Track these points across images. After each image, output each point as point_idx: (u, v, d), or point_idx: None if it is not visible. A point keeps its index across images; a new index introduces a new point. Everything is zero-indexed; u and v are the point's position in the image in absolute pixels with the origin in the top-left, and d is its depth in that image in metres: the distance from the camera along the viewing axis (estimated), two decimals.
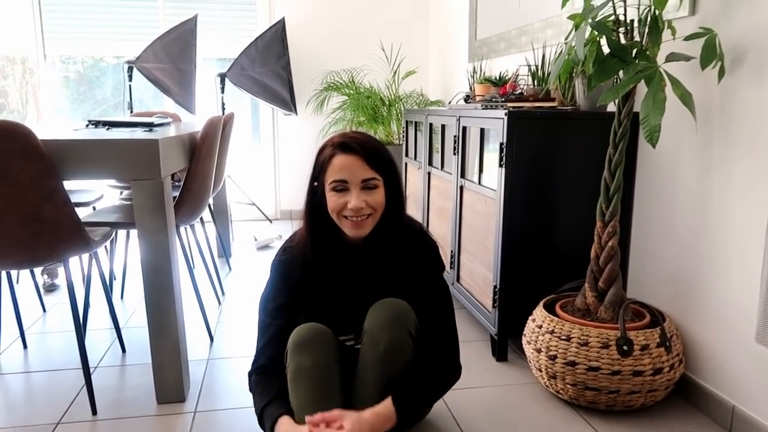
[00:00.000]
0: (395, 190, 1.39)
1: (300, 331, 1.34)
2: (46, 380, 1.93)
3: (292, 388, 1.30)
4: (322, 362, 1.29)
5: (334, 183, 1.32)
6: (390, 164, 1.37)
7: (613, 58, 1.61)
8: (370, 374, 1.32)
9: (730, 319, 1.63)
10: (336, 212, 1.34)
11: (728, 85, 1.60)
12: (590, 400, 1.70)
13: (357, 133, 1.37)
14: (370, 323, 1.35)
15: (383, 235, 1.40)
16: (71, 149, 1.56)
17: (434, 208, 2.81)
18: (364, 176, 1.31)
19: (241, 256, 3.58)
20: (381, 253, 1.41)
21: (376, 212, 1.35)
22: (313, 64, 4.45)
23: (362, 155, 1.31)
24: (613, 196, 1.74)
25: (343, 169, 1.31)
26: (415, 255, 1.45)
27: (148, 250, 1.67)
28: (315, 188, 1.38)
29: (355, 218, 1.33)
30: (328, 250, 1.41)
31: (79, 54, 4.33)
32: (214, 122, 2.22)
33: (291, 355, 1.32)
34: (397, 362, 1.32)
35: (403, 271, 1.43)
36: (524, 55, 2.84)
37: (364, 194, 1.32)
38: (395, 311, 1.34)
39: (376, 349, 1.31)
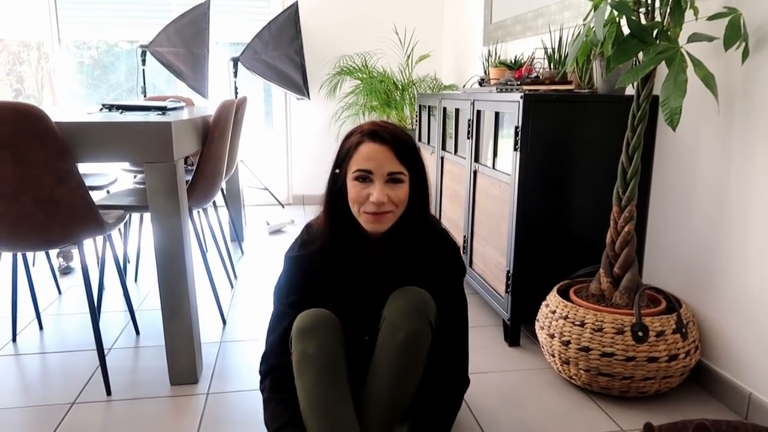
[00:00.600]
0: (421, 187, 1.32)
1: (304, 317, 1.30)
2: (62, 361, 1.96)
3: (297, 374, 1.26)
4: (327, 348, 1.25)
5: (359, 172, 1.26)
6: (418, 160, 1.31)
7: (633, 38, 1.57)
8: (386, 364, 1.27)
9: (748, 307, 1.60)
10: (357, 204, 1.28)
11: (752, 67, 1.56)
12: (603, 386, 1.68)
13: (387, 123, 1.31)
14: (390, 311, 1.30)
15: (403, 232, 1.34)
16: (85, 132, 1.56)
17: (447, 193, 2.79)
18: (391, 169, 1.25)
19: (253, 240, 3.59)
20: (399, 250, 1.36)
21: (397, 209, 1.29)
22: (326, 48, 4.42)
23: (392, 146, 1.25)
24: (631, 180, 1.71)
25: (370, 158, 1.25)
26: (435, 257, 1.39)
27: (161, 233, 1.68)
28: (336, 175, 1.33)
29: (376, 213, 1.27)
30: (345, 241, 1.36)
31: (93, 39, 4.34)
32: (226, 106, 2.21)
33: (295, 341, 1.28)
34: (415, 353, 1.27)
35: (422, 272, 1.37)
36: (540, 38, 2.79)
37: (388, 188, 1.26)
38: (417, 300, 1.30)
39: (395, 338, 1.26)
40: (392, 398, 1.26)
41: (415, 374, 1.28)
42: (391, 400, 1.26)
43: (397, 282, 1.35)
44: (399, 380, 1.26)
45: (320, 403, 1.21)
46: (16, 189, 1.52)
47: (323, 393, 1.22)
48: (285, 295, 1.39)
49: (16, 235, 1.59)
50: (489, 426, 1.58)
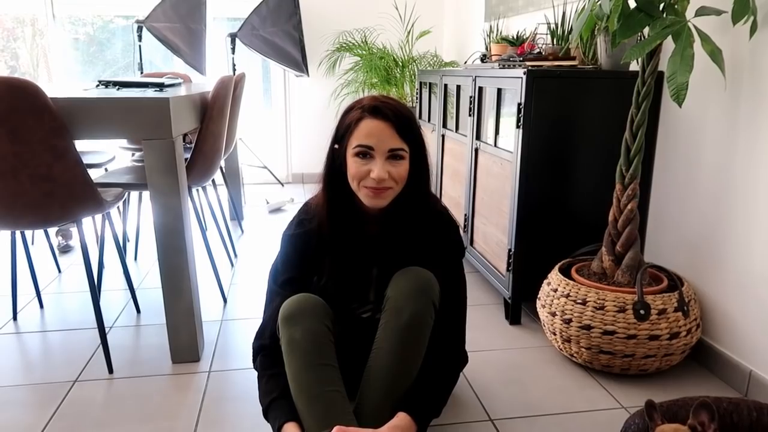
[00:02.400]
0: (421, 164, 1.31)
1: (288, 303, 1.29)
2: (63, 339, 1.96)
3: (287, 360, 1.25)
4: (314, 333, 1.25)
5: (359, 148, 1.24)
6: (419, 137, 1.29)
7: (640, 12, 1.54)
8: (388, 343, 1.26)
9: (750, 285, 1.60)
10: (357, 179, 1.27)
11: (760, 42, 1.53)
12: (604, 363, 1.69)
13: (389, 98, 1.28)
14: (394, 291, 1.29)
15: (402, 209, 1.33)
16: (81, 108, 1.54)
17: (448, 172, 2.77)
18: (391, 145, 1.24)
19: (253, 219, 3.58)
20: (398, 227, 1.35)
21: (397, 185, 1.28)
22: (325, 23, 4.35)
23: (393, 123, 1.23)
24: (634, 158, 1.69)
25: (371, 134, 1.23)
26: (434, 235, 1.38)
27: (161, 211, 1.66)
28: (336, 151, 1.31)
29: (376, 188, 1.26)
30: (343, 217, 1.35)
31: (88, 14, 4.27)
32: (225, 82, 2.18)
33: (282, 327, 1.28)
34: (418, 334, 1.27)
35: (421, 250, 1.36)
36: (543, 13, 2.75)
37: (389, 164, 1.25)
38: (421, 281, 1.29)
39: (398, 318, 1.26)
40: (393, 378, 1.25)
41: (418, 355, 1.28)
42: (393, 381, 1.25)
43: (396, 259, 1.35)
44: (401, 361, 1.26)
45: (309, 387, 1.20)
46: (12, 166, 1.50)
47: (311, 377, 1.21)
48: (282, 272, 1.39)
49: (14, 213, 1.57)
50: (490, 404, 1.59)
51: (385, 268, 1.35)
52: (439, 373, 1.34)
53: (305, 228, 1.38)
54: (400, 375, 1.26)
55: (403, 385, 1.27)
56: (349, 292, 1.38)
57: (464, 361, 1.43)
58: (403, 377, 1.27)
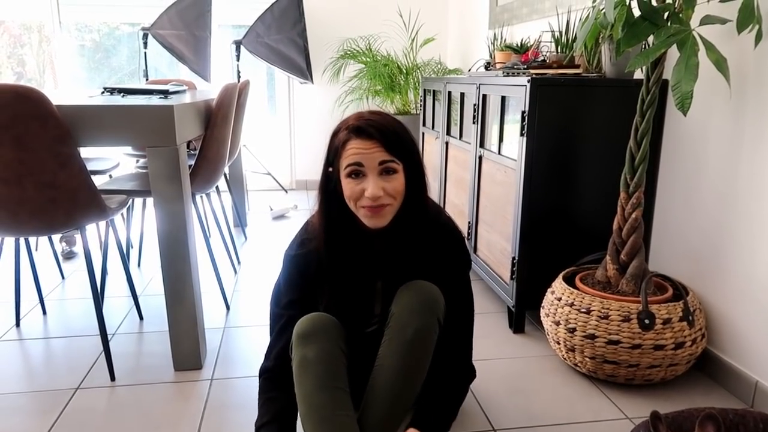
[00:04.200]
0: (416, 174, 1.28)
1: (303, 322, 1.28)
2: (66, 346, 1.96)
3: (297, 380, 1.24)
4: (327, 353, 1.24)
5: (350, 167, 1.21)
6: (410, 147, 1.26)
7: (644, 21, 1.54)
8: (392, 359, 1.25)
9: (756, 295, 1.58)
10: (353, 200, 1.25)
11: (765, 51, 1.53)
12: (609, 373, 1.68)
13: (374, 113, 1.25)
14: (398, 307, 1.28)
15: (403, 222, 1.30)
16: (86, 115, 1.54)
17: (452, 179, 2.77)
18: (381, 158, 1.21)
19: (256, 225, 3.58)
20: (401, 242, 1.32)
21: (395, 201, 1.25)
22: (330, 31, 4.37)
23: (379, 139, 1.20)
24: (639, 166, 1.68)
25: (359, 153, 1.20)
26: (439, 249, 1.36)
27: (164, 218, 1.66)
28: (330, 174, 1.29)
29: (373, 207, 1.23)
30: (343, 239, 1.32)
31: (94, 21, 4.29)
32: (229, 89, 2.19)
33: (295, 347, 1.26)
34: (422, 350, 1.26)
35: (426, 262, 1.34)
36: (547, 21, 2.75)
37: (382, 180, 1.22)
38: (425, 297, 1.28)
39: (403, 334, 1.25)
40: (397, 394, 1.24)
41: (422, 371, 1.27)
42: (396, 396, 1.24)
43: (400, 272, 1.33)
44: (405, 377, 1.25)
45: (321, 408, 1.19)
46: (17, 173, 1.50)
47: (323, 398, 1.20)
48: (285, 293, 1.38)
49: (19, 219, 1.57)
50: (493, 413, 1.57)
51: (389, 281, 1.34)
52: (448, 389, 1.33)
53: (307, 248, 1.36)
54: (404, 391, 1.25)
55: (407, 401, 1.26)
56: (354, 308, 1.36)
57: (472, 376, 1.42)
58: (407, 393, 1.25)
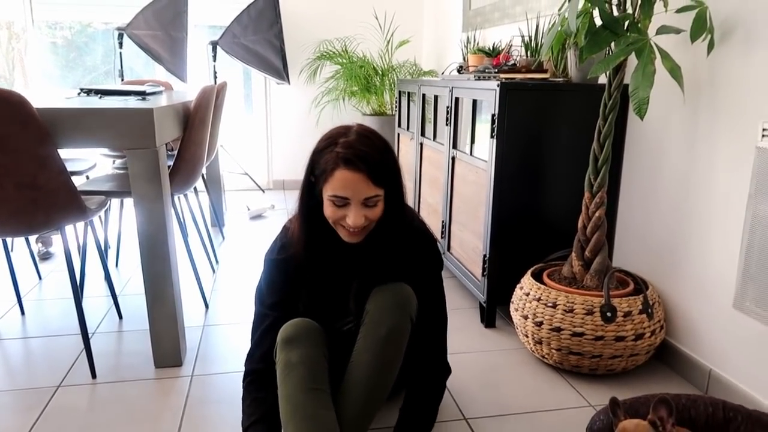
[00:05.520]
0: (396, 194, 1.33)
1: (288, 327, 1.35)
2: (45, 345, 1.98)
3: (281, 381, 1.30)
4: (310, 357, 1.30)
5: (335, 198, 1.26)
6: (394, 172, 1.31)
7: (605, 30, 1.62)
8: (367, 355, 1.31)
9: (710, 287, 1.69)
10: (332, 220, 1.30)
11: (717, 59, 1.63)
12: (574, 364, 1.76)
13: (363, 140, 1.26)
14: (373, 306, 1.35)
15: (381, 228, 1.36)
16: (66, 118, 1.57)
17: (426, 179, 2.84)
18: (366, 194, 1.25)
19: (234, 225, 3.61)
20: (378, 245, 1.38)
21: (373, 222, 1.32)
22: (306, 32, 4.40)
23: (366, 172, 1.23)
24: (602, 167, 1.77)
25: (346, 187, 1.23)
26: (413, 251, 1.42)
27: (144, 219, 1.70)
28: (312, 185, 1.32)
29: (351, 229, 1.29)
30: (322, 244, 1.38)
31: (67, 19, 4.26)
32: (207, 91, 2.22)
33: (279, 350, 1.33)
34: (396, 347, 1.33)
35: (400, 264, 1.41)
36: (518, 26, 2.84)
37: (364, 210, 1.27)
38: (399, 296, 1.35)
39: (377, 332, 1.31)
40: (371, 389, 1.31)
41: (395, 367, 1.34)
42: (371, 391, 1.31)
43: (375, 273, 1.40)
44: (379, 372, 1.32)
45: (304, 408, 1.24)
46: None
47: (305, 399, 1.25)
48: (266, 296, 1.43)
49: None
50: (466, 404, 1.65)
51: (365, 281, 1.40)
52: (428, 389, 1.41)
53: (287, 253, 1.41)
54: (378, 386, 1.32)
55: (381, 395, 1.33)
56: (331, 307, 1.43)
57: (448, 373, 1.50)
58: (381, 388, 1.32)
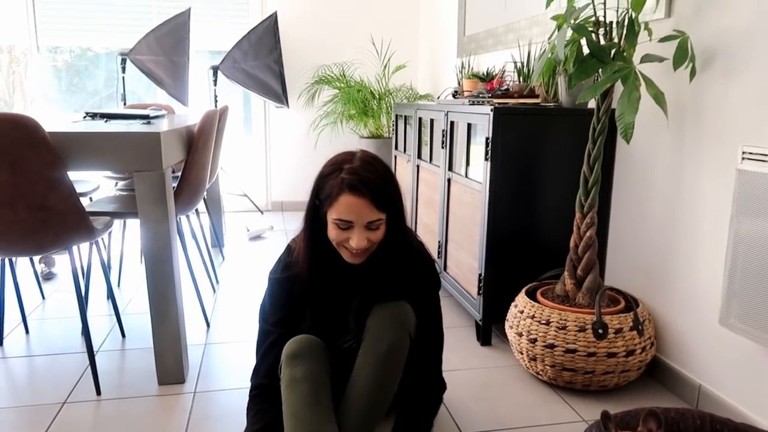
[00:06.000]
0: (398, 218, 1.40)
1: (292, 344, 1.40)
2: (50, 363, 2.01)
3: (285, 396, 1.36)
4: (313, 373, 1.36)
5: (339, 221, 1.33)
6: (396, 197, 1.38)
7: (592, 58, 1.71)
8: (368, 369, 1.37)
9: (697, 305, 1.74)
10: (336, 242, 1.37)
11: (699, 85, 1.71)
12: (567, 380, 1.81)
13: (367, 167, 1.33)
14: (373, 323, 1.41)
15: (382, 251, 1.42)
16: (77, 141, 1.63)
17: (423, 200, 2.91)
18: (370, 218, 1.32)
19: (233, 246, 3.66)
20: (378, 267, 1.44)
21: (375, 245, 1.38)
22: (305, 57, 4.51)
23: (370, 198, 1.31)
24: (592, 188, 1.84)
25: (350, 211, 1.31)
26: (412, 270, 1.49)
27: (150, 238, 1.75)
28: (317, 207, 1.39)
29: (354, 251, 1.36)
30: (325, 264, 1.44)
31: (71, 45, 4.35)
32: (210, 115, 2.29)
33: (284, 366, 1.39)
34: (395, 362, 1.39)
35: (399, 283, 1.47)
36: (510, 52, 2.93)
37: (367, 233, 1.34)
38: (398, 314, 1.41)
39: (378, 347, 1.37)
40: (372, 404, 1.37)
41: (394, 382, 1.40)
42: (371, 406, 1.37)
43: (375, 291, 1.46)
44: (379, 387, 1.37)
45: (307, 423, 1.30)
46: (10, 196, 1.58)
47: (309, 414, 1.31)
48: (272, 313, 1.49)
49: (9, 240, 1.65)
50: (462, 420, 1.69)
51: (365, 299, 1.46)
52: (424, 403, 1.47)
53: (291, 272, 1.47)
54: (378, 400, 1.37)
55: (381, 410, 1.38)
56: (332, 325, 1.48)
57: (443, 388, 1.56)
58: (381, 402, 1.38)
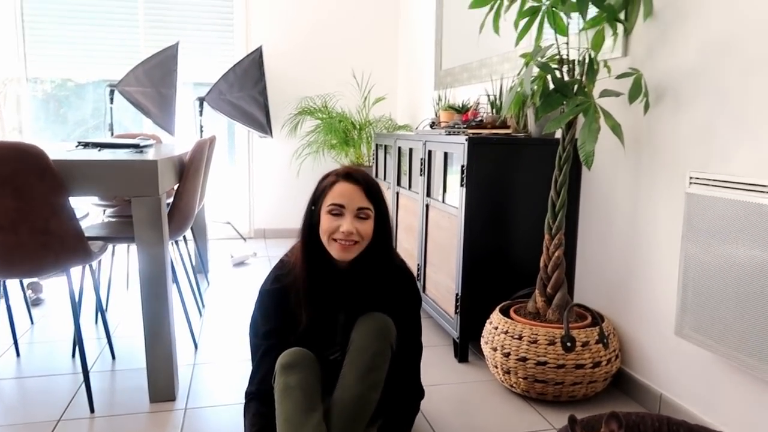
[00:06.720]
0: (384, 225, 1.54)
1: (286, 355, 1.50)
2: (42, 384, 2.07)
3: (279, 402, 1.45)
4: (306, 381, 1.46)
5: (332, 206, 1.46)
6: (383, 202, 1.54)
7: (557, 92, 1.87)
8: (352, 380, 1.47)
9: (655, 318, 1.89)
10: (328, 234, 1.49)
11: (653, 117, 1.89)
12: (539, 391, 1.93)
13: (356, 168, 1.53)
14: (358, 334, 1.52)
15: (367, 263, 1.55)
16: (80, 168, 1.74)
17: (403, 226, 3.04)
18: (360, 205, 1.46)
19: (218, 272, 3.74)
20: (363, 278, 1.56)
21: (363, 240, 1.50)
22: (289, 89, 4.67)
23: (362, 186, 1.47)
24: (559, 212, 1.99)
25: (343, 195, 1.46)
26: (394, 286, 1.61)
27: (146, 261, 1.85)
28: (312, 211, 1.53)
29: (344, 242, 1.48)
30: (318, 269, 1.55)
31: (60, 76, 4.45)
32: (201, 144, 2.41)
33: (278, 375, 1.48)
34: (378, 371, 1.49)
35: (382, 298, 1.58)
36: (484, 86, 3.12)
37: (357, 222, 1.48)
38: (380, 326, 1.52)
39: (361, 357, 1.48)
40: (358, 411, 1.47)
41: (378, 389, 1.50)
42: (357, 412, 1.47)
43: (360, 306, 1.57)
44: (364, 394, 1.47)
45: (300, 427, 1.39)
46: (14, 221, 1.67)
47: (302, 419, 1.40)
48: (262, 324, 1.59)
49: (12, 262, 1.73)
50: (441, 430, 1.79)
51: (350, 314, 1.58)
52: (404, 408, 1.58)
53: (282, 283, 1.58)
54: (364, 407, 1.48)
55: (366, 415, 1.48)
56: (320, 337, 1.59)
57: (422, 395, 1.66)
58: (366, 408, 1.48)
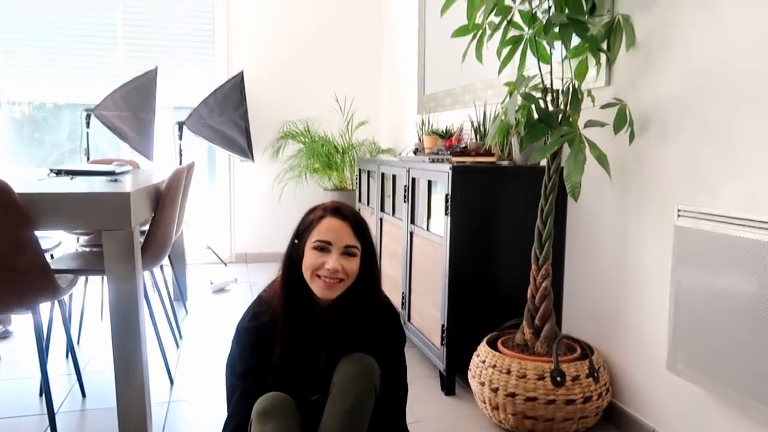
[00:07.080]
0: (370, 263, 1.48)
1: (263, 401, 1.41)
2: (5, 427, 1.95)
3: None
4: (284, 428, 1.37)
5: (318, 242, 1.40)
6: (371, 241, 1.48)
7: (541, 122, 1.85)
8: (334, 424, 1.40)
9: (647, 351, 1.84)
10: (311, 270, 1.42)
11: (638, 147, 1.86)
12: (529, 428, 1.87)
13: (344, 204, 1.48)
14: (339, 376, 1.44)
15: (351, 300, 1.48)
16: (46, 202, 1.66)
17: (386, 252, 2.98)
18: (347, 242, 1.41)
19: (197, 299, 3.64)
20: (345, 318, 1.49)
21: (348, 279, 1.44)
22: (270, 114, 4.62)
23: (350, 222, 1.42)
24: (545, 242, 1.95)
25: (330, 231, 1.41)
26: (378, 325, 1.54)
27: (117, 296, 1.76)
28: (296, 245, 1.47)
29: (329, 279, 1.41)
30: (298, 306, 1.48)
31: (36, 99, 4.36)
32: (178, 173, 2.34)
33: (254, 423, 1.39)
34: (361, 414, 1.42)
35: (365, 337, 1.51)
36: (467, 111, 3.10)
37: (343, 259, 1.41)
38: (363, 367, 1.45)
39: (344, 401, 1.41)
40: None
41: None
42: None
43: (342, 345, 1.50)
44: None
45: None
46: None
47: None
48: (237, 365, 1.50)
49: None
50: None
51: (332, 352, 1.50)
52: None
53: (259, 321, 1.50)
54: None
55: None
56: (300, 377, 1.51)
57: None
58: None
